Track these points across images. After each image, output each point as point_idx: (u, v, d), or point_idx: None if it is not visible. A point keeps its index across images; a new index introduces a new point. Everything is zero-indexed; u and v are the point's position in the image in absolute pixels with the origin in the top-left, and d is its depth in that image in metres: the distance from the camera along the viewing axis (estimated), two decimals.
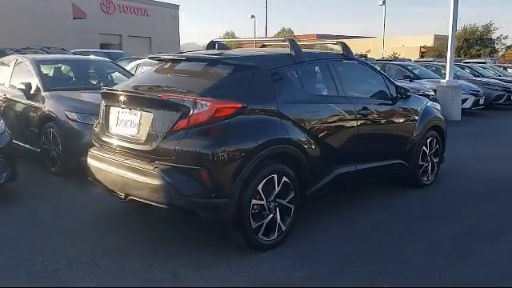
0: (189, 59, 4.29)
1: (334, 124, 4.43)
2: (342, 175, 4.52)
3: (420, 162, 5.63)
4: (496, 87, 14.87)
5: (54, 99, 6.22)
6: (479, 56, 43.03)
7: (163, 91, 3.79)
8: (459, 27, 49.94)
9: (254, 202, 3.74)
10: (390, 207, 5.05)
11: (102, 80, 7.43)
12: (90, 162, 4.29)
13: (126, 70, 8.06)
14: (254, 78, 3.95)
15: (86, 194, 5.34)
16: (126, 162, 3.86)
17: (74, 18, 27.26)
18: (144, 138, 3.76)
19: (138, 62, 9.66)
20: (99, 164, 4.16)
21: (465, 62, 22.39)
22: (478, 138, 9.84)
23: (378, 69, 7.23)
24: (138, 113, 3.86)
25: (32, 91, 6.48)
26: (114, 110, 4.12)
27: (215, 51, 4.67)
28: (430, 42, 54.83)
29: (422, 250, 3.97)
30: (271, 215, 3.89)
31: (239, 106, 3.71)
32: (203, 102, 3.59)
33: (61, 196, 5.34)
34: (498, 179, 6.32)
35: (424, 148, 5.66)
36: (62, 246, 3.94)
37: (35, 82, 6.55)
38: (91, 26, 30.55)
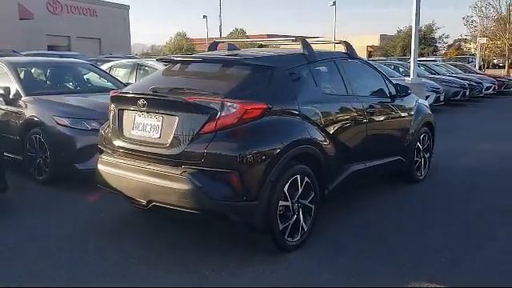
0: (206, 60, 4.19)
1: (346, 123, 4.47)
2: (353, 173, 4.57)
3: (415, 158, 5.80)
4: (453, 84, 15.56)
5: (38, 104, 5.90)
6: (422, 55, 44.89)
7: (187, 94, 3.67)
8: (404, 27, 52.12)
9: (280, 203, 3.72)
10: (390, 206, 5.13)
11: (82, 83, 7.13)
12: (102, 168, 4.10)
13: (106, 72, 7.77)
14: (274, 79, 3.92)
15: (83, 202, 5.15)
16: (148, 167, 3.72)
17: (20, 19, 26.01)
18: (168, 142, 3.64)
19: (112, 63, 9.35)
20: (114, 170, 3.98)
21: (419, 61, 23.20)
22: (447, 133, 10.20)
23: None
24: (160, 116, 3.72)
25: (11, 96, 6.14)
26: (128, 114, 3.96)
27: (229, 52, 4.60)
28: (375, 42, 56.56)
29: (428, 247, 4.02)
30: (295, 216, 3.88)
31: (265, 107, 3.67)
32: (231, 104, 3.53)
33: (57, 205, 5.08)
34: (480, 174, 6.60)
35: (418, 144, 5.84)
36: (78, 258, 3.76)
37: (14, 87, 6.20)
38: (37, 26, 29.30)
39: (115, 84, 7.27)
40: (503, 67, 37.70)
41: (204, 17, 46.40)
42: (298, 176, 3.85)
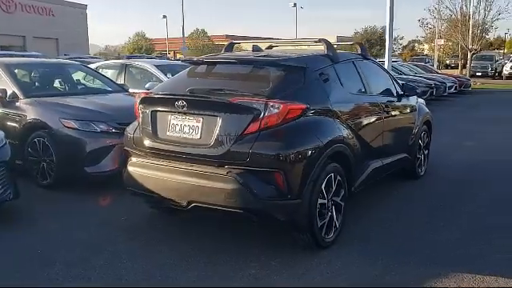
0: (240, 61, 4.20)
1: (368, 121, 4.63)
2: (373, 170, 4.72)
3: (417, 155, 6.03)
4: (421, 84, 16.14)
5: (41, 106, 5.72)
6: (378, 56, 46.18)
7: (228, 94, 3.69)
8: (360, 29, 53.55)
9: (319, 201, 3.80)
10: (402, 203, 5.33)
11: (79, 84, 6.96)
12: (133, 170, 4.04)
13: (100, 73, 7.59)
14: (308, 79, 4.00)
15: (97, 205, 5.06)
16: (190, 167, 3.71)
17: None
18: (210, 143, 3.64)
19: (98, 64, 9.15)
20: (148, 172, 3.94)
21: (380, 61, 23.88)
22: None
23: None
24: (200, 117, 3.72)
25: (7, 98, 5.91)
26: (163, 115, 3.92)
27: (257, 52, 4.63)
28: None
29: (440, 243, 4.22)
30: (329, 213, 3.97)
31: (304, 106, 3.75)
32: (275, 104, 3.58)
33: (71, 210, 4.94)
34: (473, 167, 6.96)
35: (420, 141, 6.08)
36: (115, 264, 3.69)
37: (11, 89, 5.97)
38: None
39: (108, 84, 7.15)
40: (455, 67, 39.39)
41: (164, 17, 45.86)
42: (332, 174, 3.94)
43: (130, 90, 7.05)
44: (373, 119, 4.72)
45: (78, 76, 7.41)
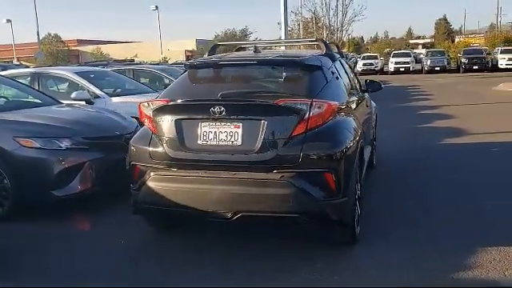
0: (261, 62, 4.04)
1: (362, 115, 4.86)
2: (367, 163, 4.94)
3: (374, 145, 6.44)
4: None
5: None
6: None
7: (271, 97, 3.55)
8: (220, 32, 54.62)
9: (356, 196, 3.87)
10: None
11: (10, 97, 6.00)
12: (159, 185, 3.64)
13: (28, 85, 6.59)
14: (328, 77, 4.03)
15: (81, 231, 4.46)
16: (233, 176, 3.48)
17: None
18: (256, 148, 3.45)
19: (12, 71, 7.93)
20: (180, 185, 3.59)
21: None
22: None
23: None
24: (239, 122, 3.50)
25: None
26: (191, 123, 3.61)
27: (266, 52, 4.48)
28: (192, 46, 57.76)
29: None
30: (356, 207, 4.06)
31: (338, 104, 3.78)
32: (317, 104, 3.54)
33: (53, 243, 4.24)
34: (409, 152, 7.64)
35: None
36: None
37: None
38: None
39: (38, 96, 6.30)
40: None
41: (8, 21, 41.33)
42: (358, 168, 4.04)
43: (65, 102, 6.30)
44: (363, 113, 4.96)
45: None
